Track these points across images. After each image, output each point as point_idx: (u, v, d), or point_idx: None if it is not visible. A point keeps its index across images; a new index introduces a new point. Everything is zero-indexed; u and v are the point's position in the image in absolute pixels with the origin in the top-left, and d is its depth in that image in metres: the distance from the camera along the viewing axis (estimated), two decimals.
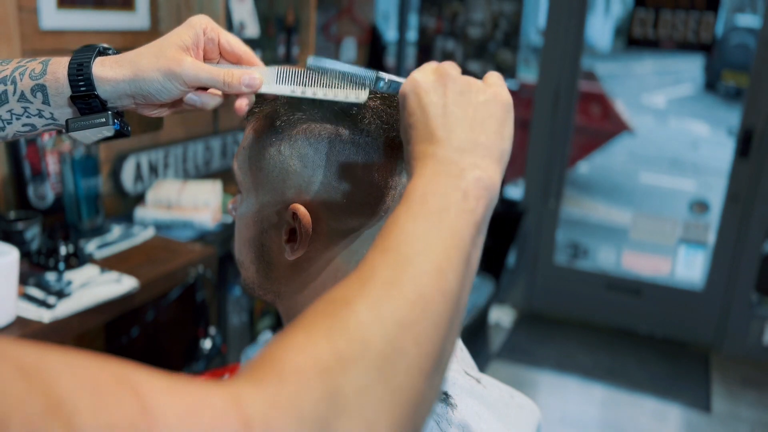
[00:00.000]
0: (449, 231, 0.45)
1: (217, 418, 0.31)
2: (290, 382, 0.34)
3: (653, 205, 5.38)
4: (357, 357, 0.37)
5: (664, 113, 8.70)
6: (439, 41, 3.43)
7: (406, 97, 0.53)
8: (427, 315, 0.41)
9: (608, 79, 8.37)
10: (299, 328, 0.39)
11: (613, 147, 5.73)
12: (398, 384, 0.38)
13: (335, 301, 0.41)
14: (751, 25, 7.60)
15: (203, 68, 0.61)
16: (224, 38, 0.64)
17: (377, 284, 0.41)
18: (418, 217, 0.46)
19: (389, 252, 0.44)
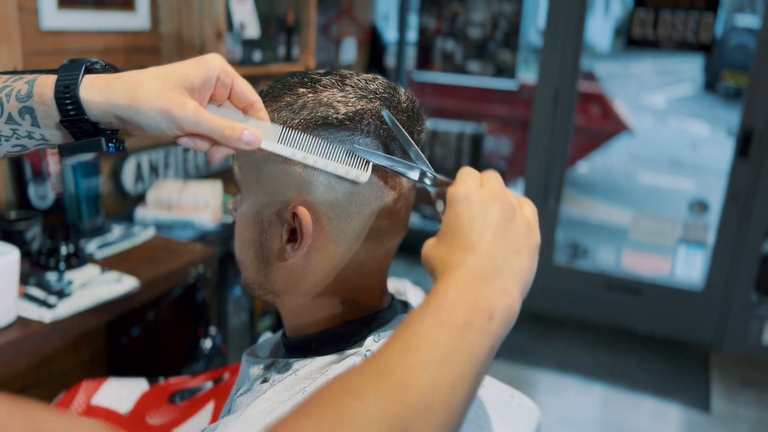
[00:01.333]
0: (469, 348, 0.46)
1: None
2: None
3: (653, 205, 5.38)
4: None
5: (663, 113, 8.70)
6: (439, 41, 3.43)
7: (457, 201, 0.54)
8: (430, 428, 0.42)
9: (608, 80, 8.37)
10: (308, 415, 0.40)
11: (613, 147, 5.73)
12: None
13: (346, 388, 0.42)
14: (751, 25, 7.60)
15: (205, 118, 0.57)
16: (238, 84, 0.60)
17: (391, 383, 0.42)
18: (444, 326, 0.46)
19: (408, 353, 0.45)
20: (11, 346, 1.17)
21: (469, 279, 0.50)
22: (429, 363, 0.44)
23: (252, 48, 2.11)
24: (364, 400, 0.41)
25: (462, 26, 3.36)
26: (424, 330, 0.46)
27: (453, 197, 0.55)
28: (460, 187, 0.55)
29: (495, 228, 0.53)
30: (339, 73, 0.65)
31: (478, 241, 0.52)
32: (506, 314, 0.49)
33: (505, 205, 0.54)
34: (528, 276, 0.53)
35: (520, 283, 0.52)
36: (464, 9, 3.34)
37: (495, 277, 0.50)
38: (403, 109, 0.64)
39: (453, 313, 0.47)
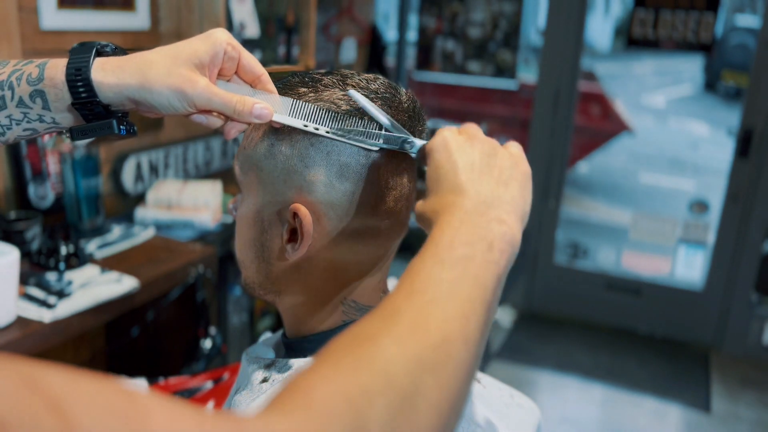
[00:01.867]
0: (474, 279, 0.46)
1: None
2: (318, 413, 0.35)
3: (653, 205, 5.38)
4: (381, 391, 0.38)
5: (664, 113, 8.70)
6: (439, 41, 3.43)
7: (435, 150, 0.56)
8: (449, 360, 0.42)
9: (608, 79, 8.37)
10: (325, 361, 0.40)
11: (613, 147, 5.73)
12: (418, 423, 0.38)
13: (359, 336, 0.42)
14: (751, 25, 7.60)
15: (217, 93, 0.58)
16: (245, 58, 0.61)
17: (403, 324, 0.42)
18: (445, 263, 0.47)
19: (415, 295, 0.45)
20: (11, 346, 1.17)
21: (462, 217, 0.50)
22: (437, 299, 0.44)
23: (252, 48, 2.11)
24: (378, 344, 0.40)
25: (462, 26, 3.36)
26: (426, 270, 0.46)
27: (431, 148, 0.56)
28: (436, 138, 0.56)
29: (478, 166, 0.54)
30: (340, 73, 0.65)
31: (464, 181, 0.53)
32: (505, 242, 0.50)
33: (484, 143, 0.56)
34: (522, 204, 0.54)
35: (514, 212, 0.52)
36: (464, 9, 3.34)
37: (487, 211, 0.51)
38: (405, 109, 0.64)
39: (451, 250, 0.47)
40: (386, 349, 0.40)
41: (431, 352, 0.41)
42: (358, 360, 0.39)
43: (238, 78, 0.62)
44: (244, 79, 0.62)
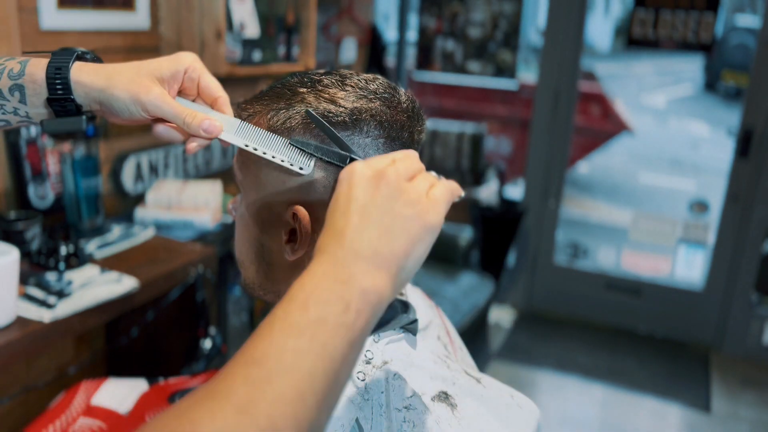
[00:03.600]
0: (322, 348, 0.43)
1: None
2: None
3: (653, 205, 5.38)
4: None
5: (664, 113, 8.70)
6: (439, 41, 3.43)
7: (340, 182, 0.52)
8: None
9: (608, 79, 8.37)
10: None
11: (613, 147, 5.73)
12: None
13: (181, 418, 0.39)
14: (751, 25, 7.60)
15: (168, 103, 0.63)
16: (204, 81, 0.66)
17: (229, 408, 0.39)
18: (293, 328, 0.43)
19: (252, 366, 0.42)
20: (11, 346, 1.17)
21: (326, 269, 0.47)
22: (273, 374, 0.41)
23: (252, 48, 2.11)
24: (195, 430, 0.38)
25: (462, 26, 3.36)
26: (273, 337, 0.43)
27: (339, 178, 0.52)
28: (345, 170, 0.52)
29: (369, 210, 0.49)
30: (339, 73, 0.65)
31: (344, 223, 0.49)
32: (365, 302, 0.46)
33: (389, 185, 0.50)
34: (402, 260, 0.49)
35: (387, 268, 0.48)
36: (464, 9, 3.34)
37: (354, 263, 0.47)
38: (404, 109, 0.64)
39: (304, 311, 0.44)
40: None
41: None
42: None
43: (200, 100, 0.67)
44: (203, 100, 0.67)
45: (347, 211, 0.50)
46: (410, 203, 0.50)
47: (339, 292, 0.45)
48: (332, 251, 0.48)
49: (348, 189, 0.51)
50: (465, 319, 2.33)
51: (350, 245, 0.48)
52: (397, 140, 0.62)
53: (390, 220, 0.49)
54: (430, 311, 0.79)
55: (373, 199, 0.50)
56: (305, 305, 0.45)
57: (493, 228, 3.14)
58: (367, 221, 0.49)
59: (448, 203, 0.53)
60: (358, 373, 0.61)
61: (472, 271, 2.70)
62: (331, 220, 0.50)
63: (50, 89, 0.63)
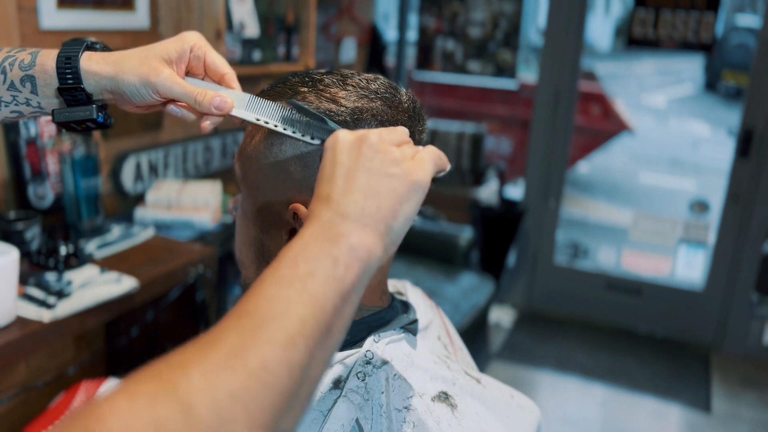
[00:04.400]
0: (311, 298, 0.43)
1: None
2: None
3: (653, 205, 5.38)
4: (178, 425, 0.35)
5: (664, 113, 8.70)
6: (439, 41, 3.43)
7: (325, 150, 0.53)
8: (265, 387, 0.39)
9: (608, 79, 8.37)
10: (124, 389, 0.37)
11: (613, 147, 5.74)
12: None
13: (171, 363, 0.38)
14: (751, 25, 7.60)
15: (178, 83, 0.63)
16: (210, 57, 0.67)
17: (220, 351, 0.39)
18: (284, 281, 0.44)
19: (243, 317, 0.42)
20: (11, 346, 1.17)
21: (314, 231, 0.47)
22: (265, 321, 0.41)
23: (252, 47, 2.11)
24: (186, 373, 0.37)
25: (462, 26, 3.36)
26: (262, 289, 0.44)
27: (324, 147, 0.53)
28: (329, 139, 0.53)
29: (354, 173, 0.50)
30: (340, 73, 0.65)
31: (330, 188, 0.50)
32: (354, 257, 0.46)
33: (371, 147, 0.51)
34: (389, 218, 0.49)
35: (374, 226, 0.48)
36: (464, 8, 3.34)
37: (341, 223, 0.48)
38: (405, 109, 0.64)
39: (293, 267, 0.45)
40: (193, 380, 0.37)
41: (244, 380, 0.38)
42: (157, 391, 0.36)
43: (208, 78, 0.68)
44: (211, 77, 0.68)
45: (333, 176, 0.51)
46: (395, 162, 0.51)
47: (327, 249, 0.46)
48: (318, 214, 0.49)
49: (332, 155, 0.52)
50: (465, 319, 2.33)
51: (336, 208, 0.49)
52: None
53: (375, 180, 0.50)
54: (431, 311, 0.79)
55: (357, 161, 0.51)
56: (294, 262, 0.45)
57: (493, 228, 3.14)
58: (353, 183, 0.50)
59: (434, 164, 0.53)
60: (359, 373, 0.61)
61: (472, 271, 2.70)
62: (318, 188, 0.51)
63: (60, 79, 0.64)
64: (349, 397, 0.60)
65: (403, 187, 0.50)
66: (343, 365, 0.62)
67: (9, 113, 0.67)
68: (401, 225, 0.50)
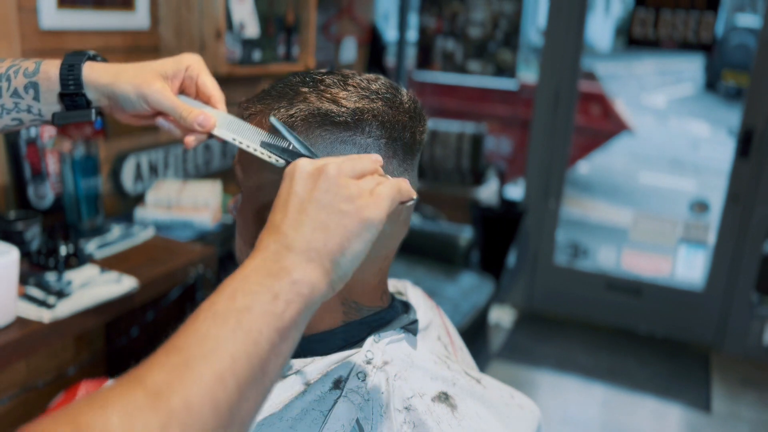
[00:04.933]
0: (246, 334, 0.42)
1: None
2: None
3: (653, 205, 5.38)
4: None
5: (664, 113, 8.70)
6: (439, 41, 3.43)
7: (284, 178, 0.52)
8: (188, 427, 0.38)
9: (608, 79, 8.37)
10: (41, 423, 0.36)
11: (613, 147, 5.73)
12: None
13: (93, 403, 0.37)
14: (751, 25, 7.60)
15: (168, 97, 0.67)
16: (201, 79, 0.71)
17: (142, 390, 0.38)
18: (218, 315, 0.43)
19: (173, 353, 0.41)
20: (10, 346, 1.17)
21: (258, 263, 0.47)
22: (193, 359, 0.40)
23: (252, 47, 2.11)
24: (105, 412, 0.36)
25: (462, 26, 3.36)
26: (196, 325, 0.42)
27: (284, 174, 0.53)
28: (289, 167, 0.53)
29: (306, 205, 0.49)
30: (341, 73, 0.65)
31: (281, 219, 0.50)
32: (295, 293, 0.45)
33: (327, 180, 0.50)
34: (338, 253, 0.48)
35: (319, 261, 0.47)
36: (464, 8, 3.34)
37: (286, 256, 0.47)
38: (405, 109, 0.64)
39: (230, 300, 0.43)
40: (111, 420, 0.36)
41: (164, 422, 0.37)
42: (75, 428, 0.35)
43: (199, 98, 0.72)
44: (201, 98, 0.72)
45: (286, 205, 0.50)
46: (348, 198, 0.50)
47: (268, 284, 0.45)
48: (266, 246, 0.48)
49: (289, 184, 0.51)
50: (465, 319, 2.33)
51: (284, 240, 0.48)
52: (398, 140, 0.62)
53: (326, 215, 0.49)
54: (431, 311, 0.79)
55: (311, 193, 0.50)
56: (233, 296, 0.44)
57: (493, 228, 3.14)
58: (304, 216, 0.49)
59: (392, 200, 0.51)
60: (359, 373, 0.61)
61: (472, 271, 2.70)
62: (271, 216, 0.51)
63: (63, 85, 0.68)
64: (349, 397, 0.60)
65: (354, 224, 0.49)
66: (343, 365, 0.62)
67: (10, 120, 0.71)
68: (349, 262, 0.49)
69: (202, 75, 0.71)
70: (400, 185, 0.53)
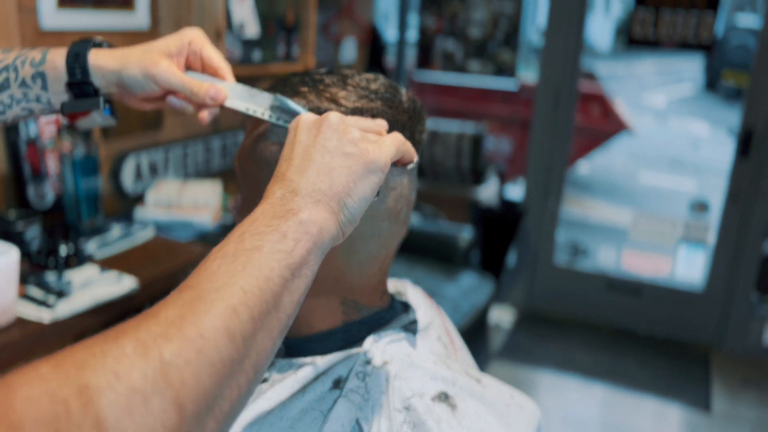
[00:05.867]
0: (257, 270, 0.43)
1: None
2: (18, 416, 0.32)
3: (653, 205, 5.38)
4: (105, 390, 0.34)
5: (664, 113, 8.70)
6: (439, 41, 3.43)
7: (288, 132, 0.54)
8: (200, 353, 0.38)
9: (608, 79, 8.37)
10: (53, 357, 0.36)
11: (613, 147, 5.73)
12: (150, 423, 0.35)
13: (107, 336, 0.38)
14: (751, 25, 7.60)
15: (175, 74, 0.67)
16: (206, 52, 0.70)
17: (158, 322, 0.38)
18: (228, 255, 0.44)
19: (186, 290, 0.41)
20: (10, 346, 1.17)
21: (264, 208, 0.48)
22: (206, 292, 0.40)
23: (252, 47, 2.11)
24: (119, 343, 0.36)
25: (462, 26, 3.36)
26: (207, 265, 0.43)
27: (289, 128, 0.55)
28: (294, 120, 0.55)
29: (310, 151, 0.51)
30: (341, 73, 0.65)
31: (289, 167, 0.51)
32: (303, 231, 0.46)
33: (330, 126, 0.52)
34: (341, 193, 0.49)
35: (325, 202, 0.48)
36: (464, 8, 3.34)
37: (292, 199, 0.48)
38: (405, 109, 0.64)
39: (240, 243, 0.44)
40: (125, 349, 0.36)
41: (179, 347, 0.37)
42: (88, 358, 0.35)
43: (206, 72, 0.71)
44: (207, 71, 0.71)
45: (290, 155, 0.51)
46: (352, 142, 0.51)
47: (275, 225, 0.46)
48: (272, 192, 0.49)
49: (293, 135, 0.53)
50: (465, 319, 2.33)
51: (289, 185, 0.49)
52: None
53: (330, 158, 0.50)
54: (431, 311, 0.79)
55: (314, 140, 0.51)
56: (241, 238, 0.45)
57: (493, 228, 3.14)
58: (308, 161, 0.50)
59: (396, 149, 0.54)
60: (358, 373, 0.61)
61: (472, 271, 2.70)
62: (277, 168, 0.52)
63: (70, 74, 0.67)
64: (349, 397, 0.60)
65: (358, 165, 0.51)
66: (343, 365, 0.62)
67: (20, 111, 0.71)
68: (356, 203, 0.50)
69: (206, 48, 0.70)
70: (404, 140, 0.55)
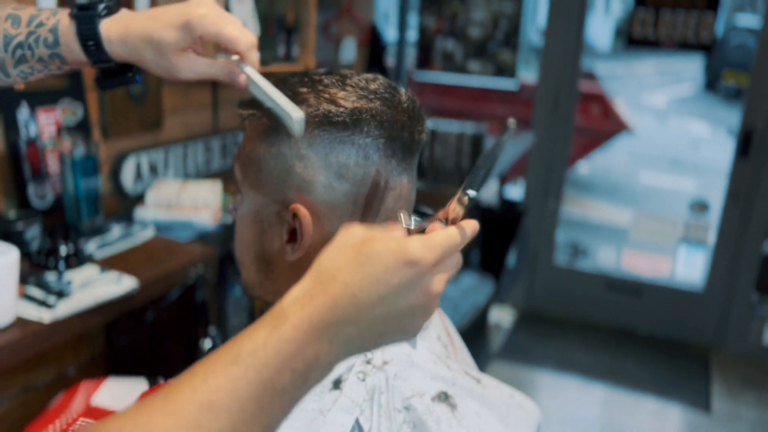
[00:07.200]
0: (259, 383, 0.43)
1: None
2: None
3: (653, 205, 5.38)
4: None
5: (664, 113, 8.70)
6: (439, 41, 3.43)
7: (371, 241, 0.46)
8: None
9: (608, 79, 8.37)
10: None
11: (613, 147, 5.73)
12: None
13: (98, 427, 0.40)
14: (751, 25, 7.60)
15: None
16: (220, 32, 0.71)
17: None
18: (262, 386, 0.43)
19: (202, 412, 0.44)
20: (10, 346, 1.17)
21: (295, 335, 0.44)
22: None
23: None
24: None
25: (462, 26, 3.36)
26: (233, 385, 0.43)
27: (337, 236, 0.48)
28: (387, 237, 0.46)
29: (372, 302, 0.45)
30: (339, 73, 0.65)
31: (344, 302, 0.44)
32: (314, 372, 0.45)
33: (417, 276, 0.45)
34: (365, 350, 0.48)
35: (347, 353, 0.47)
36: (464, 8, 3.34)
37: (319, 342, 0.44)
38: (404, 109, 0.64)
39: (278, 377, 0.43)
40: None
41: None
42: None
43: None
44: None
45: (361, 287, 0.44)
46: (423, 313, 0.47)
47: (293, 364, 0.44)
48: (309, 317, 0.44)
49: (380, 267, 0.45)
50: (465, 319, 2.33)
51: (332, 332, 0.44)
52: (397, 140, 0.62)
53: (383, 329, 0.46)
54: None
55: (392, 291, 0.45)
56: (279, 372, 0.44)
57: (493, 228, 3.13)
58: (365, 314, 0.45)
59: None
60: (359, 373, 0.61)
61: (472, 271, 2.70)
62: (334, 280, 0.45)
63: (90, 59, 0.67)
64: (349, 397, 0.60)
65: (399, 338, 0.48)
66: (343, 365, 0.62)
67: (43, 76, 0.72)
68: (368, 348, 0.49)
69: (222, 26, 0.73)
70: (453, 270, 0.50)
